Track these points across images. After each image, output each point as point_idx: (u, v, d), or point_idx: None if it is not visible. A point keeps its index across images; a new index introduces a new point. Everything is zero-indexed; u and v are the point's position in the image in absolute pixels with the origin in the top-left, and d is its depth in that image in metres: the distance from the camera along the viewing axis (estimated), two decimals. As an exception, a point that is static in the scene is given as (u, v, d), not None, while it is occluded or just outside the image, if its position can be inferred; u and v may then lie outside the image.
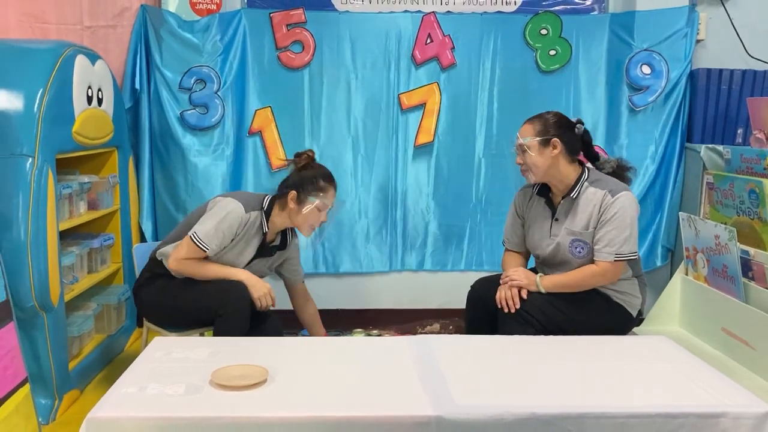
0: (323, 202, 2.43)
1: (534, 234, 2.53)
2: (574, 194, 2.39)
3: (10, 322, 2.18)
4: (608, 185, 2.38)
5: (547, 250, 2.46)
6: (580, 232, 2.38)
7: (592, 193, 2.37)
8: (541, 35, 3.43)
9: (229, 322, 2.31)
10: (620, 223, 2.32)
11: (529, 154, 2.39)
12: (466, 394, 1.75)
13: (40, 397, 2.42)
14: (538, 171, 2.40)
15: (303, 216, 2.43)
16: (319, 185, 2.43)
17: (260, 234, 2.46)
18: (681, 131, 3.45)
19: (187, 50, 3.29)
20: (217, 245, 2.36)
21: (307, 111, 3.42)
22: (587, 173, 2.42)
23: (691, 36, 3.40)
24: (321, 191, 2.43)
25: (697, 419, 1.68)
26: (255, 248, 2.48)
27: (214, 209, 2.40)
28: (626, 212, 2.32)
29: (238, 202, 2.40)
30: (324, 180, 2.45)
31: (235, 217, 2.37)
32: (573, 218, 2.40)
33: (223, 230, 2.36)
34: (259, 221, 2.44)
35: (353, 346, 2.28)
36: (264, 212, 2.45)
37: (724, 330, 2.73)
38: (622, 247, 2.32)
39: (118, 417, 1.61)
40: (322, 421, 1.63)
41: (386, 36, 3.40)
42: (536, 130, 2.39)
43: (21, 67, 2.42)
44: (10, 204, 2.29)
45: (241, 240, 2.43)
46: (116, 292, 3.10)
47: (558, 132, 2.39)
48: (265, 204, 2.46)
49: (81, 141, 2.63)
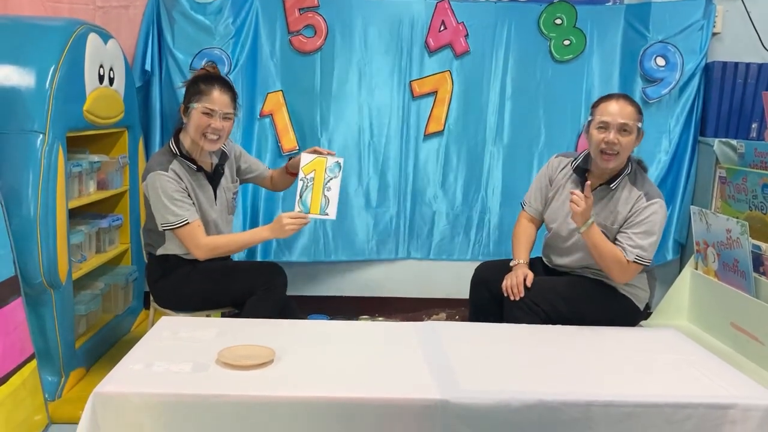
0: (206, 105, 2.31)
1: (557, 207, 2.50)
2: (614, 185, 2.35)
3: (18, 298, 2.19)
4: (644, 187, 2.34)
5: (565, 229, 2.44)
6: (605, 225, 2.35)
7: (628, 191, 2.35)
8: (555, 25, 3.39)
9: (264, 302, 2.33)
10: (649, 227, 2.29)
11: (630, 138, 2.29)
12: (473, 379, 1.75)
13: (46, 374, 2.42)
14: (624, 157, 2.33)
15: (192, 125, 2.34)
16: (199, 89, 2.34)
17: (198, 172, 2.42)
18: (694, 124, 3.41)
19: (199, 32, 3.27)
20: (186, 209, 2.33)
21: (317, 96, 3.40)
22: (630, 168, 2.38)
23: (707, 28, 3.36)
24: (201, 94, 2.33)
25: (706, 410, 1.67)
26: (208, 183, 2.46)
27: (151, 195, 2.35)
28: (657, 218, 2.30)
29: (154, 173, 2.32)
30: (204, 83, 2.35)
31: (164, 184, 2.31)
32: (603, 208, 2.37)
33: (172, 197, 2.31)
34: (185, 165, 2.39)
35: (360, 330, 2.28)
36: (178, 155, 2.39)
37: (733, 325, 2.71)
38: (645, 252, 2.29)
39: (125, 392, 1.61)
40: (328, 402, 1.63)
41: (399, 22, 3.37)
42: (638, 117, 2.33)
43: (33, 43, 2.42)
44: (20, 180, 2.29)
45: (194, 190, 2.40)
46: (124, 272, 3.10)
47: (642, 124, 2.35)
48: (173, 147, 2.41)
49: (92, 120, 2.63)
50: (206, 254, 2.38)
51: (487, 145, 3.49)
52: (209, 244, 2.37)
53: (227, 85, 2.41)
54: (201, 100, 2.33)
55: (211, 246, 2.37)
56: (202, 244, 2.35)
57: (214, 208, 2.48)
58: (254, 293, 2.37)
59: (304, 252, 3.48)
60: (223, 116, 2.35)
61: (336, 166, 2.36)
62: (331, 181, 2.35)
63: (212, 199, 2.48)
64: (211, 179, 2.48)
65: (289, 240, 3.46)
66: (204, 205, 2.44)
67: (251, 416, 1.61)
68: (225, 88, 2.38)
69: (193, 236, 2.34)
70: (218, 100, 2.34)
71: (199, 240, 2.35)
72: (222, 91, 2.36)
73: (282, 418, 1.62)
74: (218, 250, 2.40)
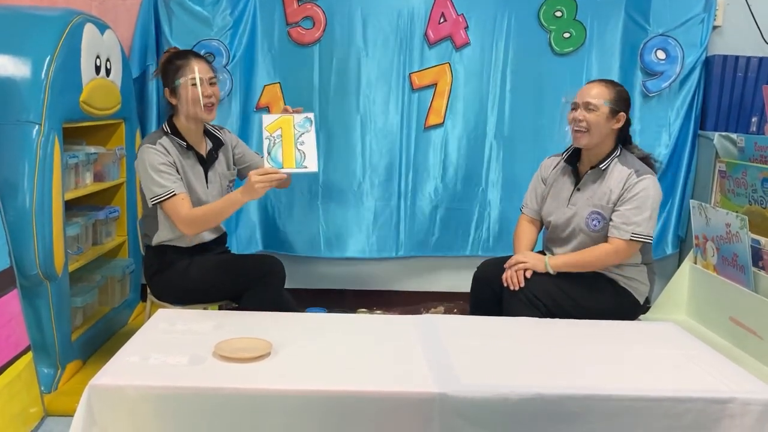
0: (191, 77, 2.35)
1: (552, 200, 2.54)
2: (603, 166, 2.40)
3: (13, 289, 2.18)
4: (635, 165, 2.40)
5: (562, 218, 2.46)
6: (601, 205, 2.39)
7: (618, 170, 2.39)
8: (555, 17, 3.37)
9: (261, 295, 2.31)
10: (641, 202, 2.33)
11: (596, 115, 2.36)
12: (471, 372, 1.74)
13: (42, 366, 2.41)
14: (595, 135, 2.38)
15: (184, 101, 2.37)
16: (176, 65, 2.38)
17: (188, 151, 2.43)
18: (694, 118, 3.40)
19: (196, 23, 3.24)
20: (172, 181, 2.31)
21: (316, 88, 3.38)
22: (619, 150, 2.44)
23: (707, 22, 3.34)
24: (180, 68, 2.37)
25: (705, 404, 1.67)
26: (199, 165, 2.46)
27: (140, 170, 2.38)
28: (649, 193, 2.33)
29: (142, 146, 2.36)
30: (179, 58, 2.40)
31: (151, 157, 2.31)
32: (596, 190, 2.42)
33: (158, 170, 2.30)
34: (175, 143, 2.40)
35: (358, 322, 2.27)
36: (169, 133, 2.41)
37: (732, 319, 2.71)
38: (639, 227, 2.32)
39: (121, 385, 1.60)
40: (325, 395, 1.62)
41: (398, 14, 3.35)
42: (611, 97, 2.39)
43: (29, 33, 2.39)
44: (15, 171, 2.27)
45: (183, 167, 2.40)
46: (120, 265, 3.09)
47: (626, 108, 2.42)
48: (165, 127, 2.43)
49: (88, 111, 2.61)
50: (189, 227, 2.32)
51: (487, 138, 3.47)
52: (189, 215, 2.30)
53: (198, 54, 2.46)
54: (184, 74, 2.36)
55: (191, 217, 2.30)
56: (183, 215, 2.29)
57: (206, 190, 2.47)
58: (251, 286, 2.36)
59: (303, 246, 3.47)
60: (209, 82, 2.39)
61: (306, 122, 2.18)
62: (303, 135, 2.17)
63: (203, 180, 2.47)
64: (203, 162, 2.48)
65: (288, 233, 3.45)
66: (193, 183, 2.43)
67: (248, 409, 1.60)
68: (198, 57, 2.43)
69: (177, 209, 2.30)
70: (199, 69, 2.38)
71: (182, 212, 2.30)
72: (198, 59, 2.41)
73: (279, 411, 1.61)
74: (198, 221, 2.32)
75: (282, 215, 3.45)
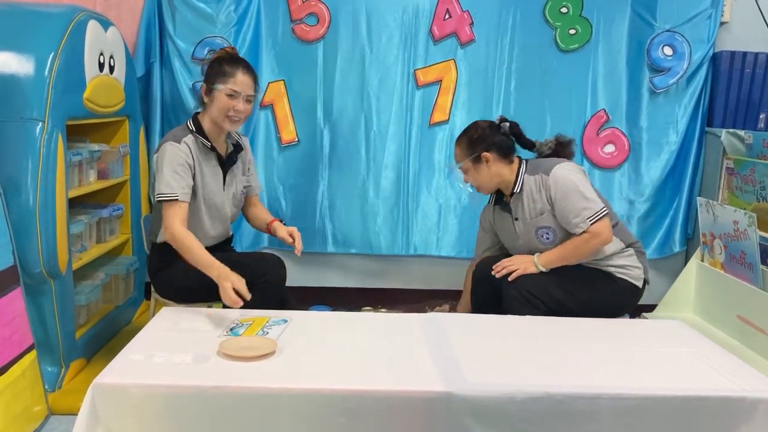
0: (231, 88, 2.31)
1: (505, 239, 2.59)
2: (516, 189, 2.45)
3: (17, 288, 2.17)
4: (540, 168, 2.43)
5: (520, 249, 2.50)
6: (539, 219, 2.41)
7: (530, 182, 2.43)
8: (561, 13, 3.35)
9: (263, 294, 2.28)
10: (566, 192, 2.35)
11: (470, 175, 2.48)
12: (478, 371, 1.73)
13: (46, 364, 2.41)
14: (486, 186, 2.50)
15: (216, 107, 2.34)
16: (224, 70, 2.33)
17: (211, 152, 2.41)
18: (702, 115, 3.38)
19: (200, 20, 3.23)
20: (181, 186, 2.29)
21: (320, 85, 3.36)
22: (524, 165, 2.47)
23: (715, 17, 3.32)
24: (226, 75, 2.32)
25: (714, 402, 1.65)
26: (218, 166, 2.44)
27: (157, 164, 2.36)
28: (567, 181, 2.35)
29: (167, 143, 2.33)
30: (229, 64, 2.34)
31: (173, 153, 2.30)
32: (526, 210, 2.45)
33: (175, 169, 2.29)
34: (199, 142, 2.37)
35: (363, 321, 2.26)
36: (194, 131, 2.38)
37: (740, 317, 2.69)
38: (587, 210, 2.33)
39: (125, 384, 1.59)
40: (330, 394, 1.61)
41: (403, 10, 3.33)
42: (465, 152, 2.46)
43: (32, 30, 2.38)
44: (19, 169, 2.26)
45: (201, 168, 2.38)
46: (125, 263, 3.08)
47: (485, 144, 2.44)
48: (190, 125, 2.41)
49: (92, 108, 2.60)
50: (171, 237, 2.28)
51: (491, 135, 3.45)
52: (177, 229, 2.25)
53: (250, 67, 2.40)
54: (226, 82, 2.32)
55: (178, 233, 2.26)
56: (173, 225, 2.25)
57: (222, 192, 2.46)
58: (254, 285, 2.33)
59: (308, 243, 3.45)
60: (246, 98, 2.35)
61: (281, 322, 2.05)
62: (272, 327, 2.01)
63: (221, 183, 2.45)
64: (223, 164, 2.46)
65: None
66: (210, 185, 2.42)
67: (252, 408, 1.58)
68: (248, 70, 2.38)
69: (173, 216, 2.26)
70: (243, 83, 2.34)
71: (175, 222, 2.26)
72: (246, 73, 2.36)
73: (283, 409, 1.59)
74: (178, 241, 2.27)
75: (287, 213, 3.44)
